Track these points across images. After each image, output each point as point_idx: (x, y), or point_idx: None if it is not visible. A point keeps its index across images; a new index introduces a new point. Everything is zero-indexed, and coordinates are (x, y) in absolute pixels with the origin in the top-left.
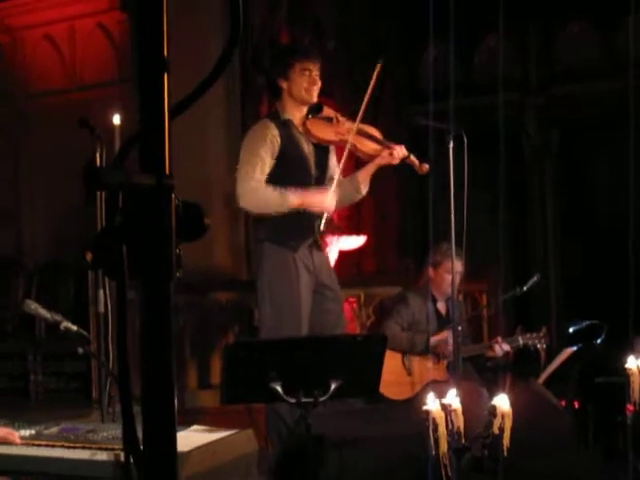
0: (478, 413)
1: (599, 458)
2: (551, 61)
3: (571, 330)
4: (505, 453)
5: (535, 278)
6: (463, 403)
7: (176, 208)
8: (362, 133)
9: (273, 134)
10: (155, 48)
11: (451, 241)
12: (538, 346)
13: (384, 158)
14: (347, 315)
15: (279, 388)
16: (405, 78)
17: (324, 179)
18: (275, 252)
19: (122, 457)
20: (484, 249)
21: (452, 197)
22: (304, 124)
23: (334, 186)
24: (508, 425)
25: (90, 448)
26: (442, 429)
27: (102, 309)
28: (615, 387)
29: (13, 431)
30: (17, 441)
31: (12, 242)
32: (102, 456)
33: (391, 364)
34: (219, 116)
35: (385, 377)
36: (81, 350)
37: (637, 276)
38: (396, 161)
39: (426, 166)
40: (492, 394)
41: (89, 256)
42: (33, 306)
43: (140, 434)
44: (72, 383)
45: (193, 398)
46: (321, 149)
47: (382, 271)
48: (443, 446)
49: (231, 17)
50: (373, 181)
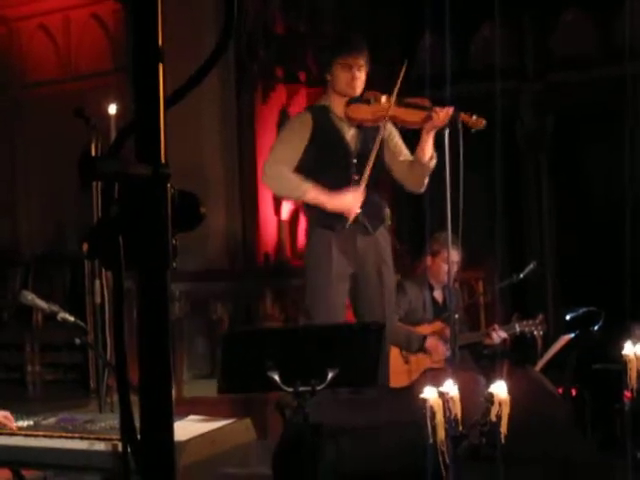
0: (475, 401)
1: (596, 445)
2: (547, 49)
3: (568, 317)
4: (502, 440)
5: (531, 265)
6: (460, 391)
7: (172, 197)
8: (403, 104)
9: (304, 120)
10: (150, 38)
11: (447, 229)
12: (535, 333)
13: (428, 124)
14: None
15: (276, 377)
16: (402, 66)
17: (361, 162)
18: (314, 233)
19: (120, 447)
20: (480, 237)
21: (448, 185)
22: (345, 111)
23: (363, 186)
24: (505, 412)
25: (88, 438)
26: (439, 417)
27: (99, 299)
28: (612, 374)
29: (9, 414)
30: (12, 425)
31: (8, 232)
32: (100, 446)
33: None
34: (214, 105)
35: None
36: (78, 341)
37: (633, 263)
38: (441, 122)
39: (483, 121)
40: (489, 381)
41: (85, 247)
42: (30, 297)
43: (138, 424)
44: (69, 374)
45: (190, 388)
46: (369, 132)
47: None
48: (440, 434)
49: (225, 6)
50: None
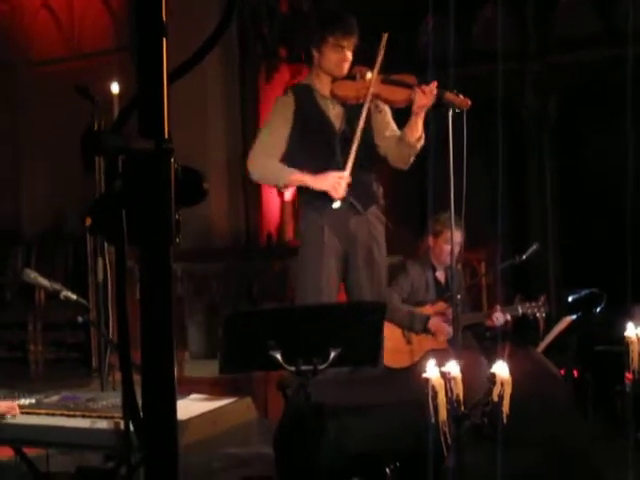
0: (477, 381)
1: (598, 426)
2: (549, 30)
3: (570, 299)
4: (504, 421)
5: (534, 247)
6: (462, 371)
7: (175, 173)
8: (388, 81)
9: (286, 102)
10: (154, 13)
11: (450, 210)
12: (537, 315)
13: (416, 104)
14: None
15: (278, 356)
16: (404, 47)
17: (346, 138)
18: (306, 215)
19: (122, 425)
20: (483, 218)
21: (451, 166)
22: (330, 88)
23: (349, 169)
24: (507, 393)
25: (90, 416)
26: (441, 397)
27: (101, 277)
28: (614, 355)
29: (14, 404)
30: (16, 411)
31: (11, 211)
32: (102, 424)
33: (390, 332)
34: (217, 84)
35: (385, 345)
36: (81, 319)
37: (636, 245)
38: (426, 103)
39: (467, 100)
40: (491, 362)
41: (88, 221)
42: (32, 275)
43: (140, 402)
44: (72, 352)
45: (192, 367)
46: (354, 110)
47: None
48: (442, 414)
49: None
50: None
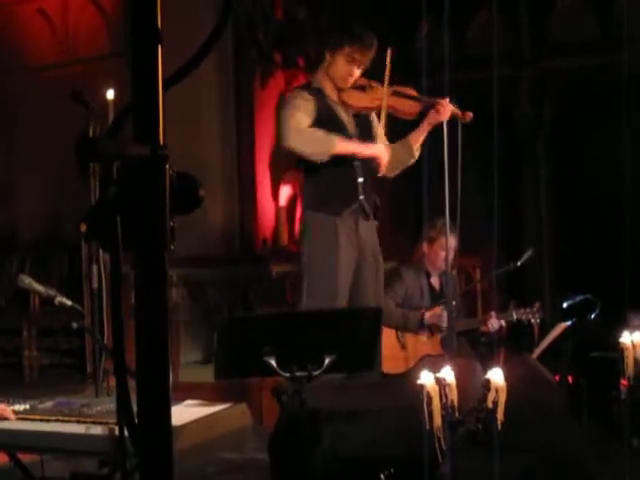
0: (472, 387)
1: (593, 433)
2: (544, 35)
3: (565, 305)
4: (499, 427)
5: (529, 253)
6: (457, 377)
7: (170, 179)
8: (397, 94)
9: (306, 97)
10: (149, 19)
11: (445, 217)
12: (532, 321)
13: (433, 117)
14: None
15: (273, 362)
16: (398, 53)
17: None
18: (316, 219)
19: (116, 431)
20: (478, 224)
21: (446, 172)
22: (339, 96)
23: (383, 129)
24: (502, 399)
25: (84, 422)
26: (436, 403)
27: (96, 284)
28: (609, 362)
29: (6, 407)
30: (11, 417)
31: (6, 217)
32: (96, 430)
33: (385, 339)
34: (212, 90)
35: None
36: (75, 325)
37: (631, 250)
38: (445, 117)
39: (470, 114)
40: (486, 368)
41: (83, 227)
42: (27, 281)
43: (135, 408)
44: (66, 358)
45: (187, 373)
46: (361, 119)
47: None
48: (437, 420)
49: None
50: None
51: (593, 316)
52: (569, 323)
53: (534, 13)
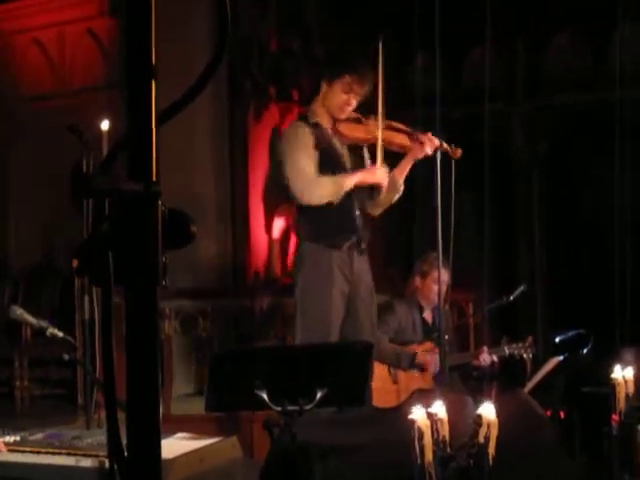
0: (464, 422)
1: (585, 468)
2: (539, 71)
3: (557, 340)
4: (490, 462)
5: (521, 288)
6: (449, 412)
7: (163, 215)
8: (390, 127)
9: (307, 133)
10: (143, 54)
11: (438, 251)
12: (524, 356)
13: (417, 151)
14: None
15: (265, 396)
16: (393, 88)
17: None
18: (313, 251)
19: (107, 464)
20: (470, 258)
21: (439, 207)
22: (334, 127)
23: (380, 160)
24: (494, 434)
25: (75, 455)
26: (427, 438)
27: (88, 315)
28: (601, 397)
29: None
30: (2, 448)
31: None
32: (87, 463)
33: (377, 372)
34: (206, 123)
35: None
36: (67, 356)
37: (624, 286)
38: (429, 151)
39: (459, 150)
40: (478, 403)
41: (75, 263)
42: (19, 312)
43: (125, 441)
44: (58, 389)
45: (178, 405)
46: (355, 151)
47: None
48: (428, 455)
49: (219, 23)
50: None
51: (585, 351)
52: (561, 358)
53: (528, 49)
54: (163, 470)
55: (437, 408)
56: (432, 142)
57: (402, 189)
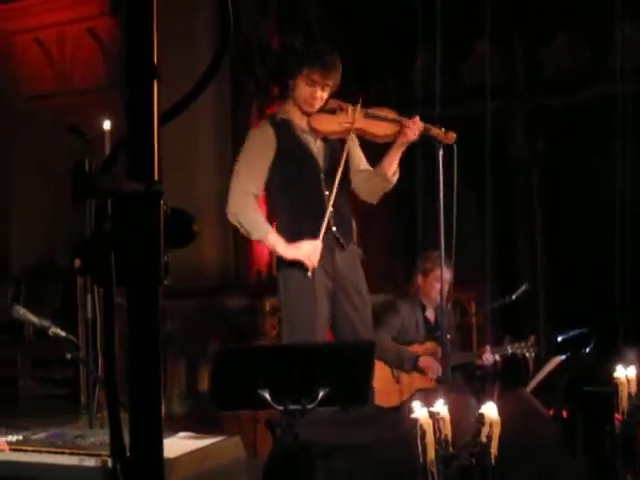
0: (466, 421)
1: (587, 467)
2: (538, 69)
3: (559, 339)
4: (493, 461)
5: (524, 287)
6: (451, 411)
7: (165, 215)
8: (369, 116)
9: (267, 136)
10: (145, 54)
11: (440, 249)
12: (526, 355)
13: (402, 138)
14: None
15: (267, 395)
16: (394, 87)
17: (331, 173)
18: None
19: (110, 463)
20: (473, 257)
21: (441, 205)
22: (307, 122)
23: (322, 236)
24: (496, 433)
25: (78, 454)
26: (430, 437)
27: (90, 315)
28: (603, 396)
29: (1, 438)
30: (4, 447)
31: (1, 246)
32: (90, 462)
33: (379, 372)
34: (209, 121)
35: (373, 384)
36: (69, 356)
37: (625, 285)
38: (413, 137)
39: (453, 135)
40: (480, 402)
41: (77, 263)
42: (22, 311)
43: (128, 440)
44: (60, 389)
45: (180, 404)
46: (333, 143)
47: (370, 279)
48: (431, 454)
49: (221, 23)
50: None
51: (588, 350)
52: (563, 357)
53: (529, 47)
54: (165, 469)
55: (439, 407)
56: (417, 126)
57: (396, 177)
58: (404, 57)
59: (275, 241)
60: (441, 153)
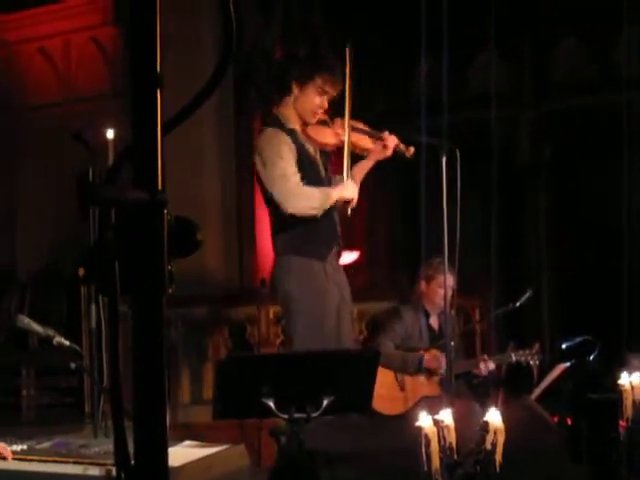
0: (470, 429)
1: (591, 474)
2: (544, 76)
3: (564, 346)
4: (497, 469)
5: (528, 294)
6: (455, 419)
7: (169, 223)
8: (355, 129)
9: (287, 141)
10: (148, 63)
11: (443, 255)
12: (531, 362)
13: (379, 152)
14: None
15: (271, 403)
16: (398, 93)
17: (330, 182)
18: (304, 265)
19: (114, 472)
20: (477, 264)
21: (445, 212)
22: (304, 131)
23: (347, 175)
24: (500, 441)
25: (82, 463)
26: (434, 445)
27: (94, 324)
28: (608, 403)
29: (5, 446)
30: (9, 455)
31: (5, 254)
32: (94, 471)
33: (384, 379)
34: (212, 129)
35: (378, 392)
36: (74, 365)
37: (631, 292)
38: (389, 153)
39: (412, 149)
40: (485, 410)
41: (81, 271)
42: (26, 321)
43: (132, 449)
44: (65, 398)
45: (185, 413)
46: (324, 154)
47: (374, 286)
48: (435, 462)
49: (224, 31)
50: (363, 196)
51: (592, 357)
52: (568, 364)
53: (535, 54)
54: (170, 478)
55: (444, 415)
56: (392, 142)
57: (357, 190)
58: (409, 64)
59: (334, 192)
60: (444, 160)
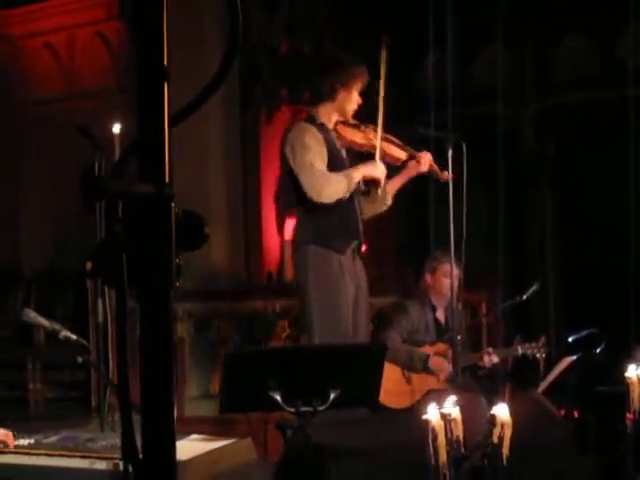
0: (477, 422)
1: (599, 467)
2: (549, 71)
3: (570, 339)
4: (504, 462)
5: (534, 287)
6: (462, 412)
7: (176, 217)
8: (387, 139)
9: (315, 133)
10: (155, 56)
11: (450, 249)
12: (537, 355)
13: (413, 168)
14: None
15: (278, 397)
16: (405, 88)
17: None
18: (320, 255)
19: (121, 466)
20: (483, 258)
21: (451, 206)
22: (335, 129)
23: (378, 154)
24: (507, 434)
25: (89, 457)
26: (441, 438)
27: (101, 318)
28: (615, 396)
29: (8, 432)
30: (12, 443)
31: (11, 249)
32: (101, 465)
33: (390, 373)
34: (218, 124)
35: (384, 386)
36: (80, 359)
37: (637, 285)
38: (425, 169)
39: (446, 173)
40: (491, 403)
41: (89, 265)
42: (32, 315)
43: (140, 443)
44: (71, 392)
45: (192, 407)
46: (350, 153)
47: (380, 280)
48: (442, 455)
49: (230, 25)
50: None
51: (599, 350)
52: (575, 357)
53: (539, 50)
54: (178, 472)
55: (451, 408)
56: (427, 160)
57: (390, 203)
58: (416, 59)
59: (358, 172)
60: (450, 154)
